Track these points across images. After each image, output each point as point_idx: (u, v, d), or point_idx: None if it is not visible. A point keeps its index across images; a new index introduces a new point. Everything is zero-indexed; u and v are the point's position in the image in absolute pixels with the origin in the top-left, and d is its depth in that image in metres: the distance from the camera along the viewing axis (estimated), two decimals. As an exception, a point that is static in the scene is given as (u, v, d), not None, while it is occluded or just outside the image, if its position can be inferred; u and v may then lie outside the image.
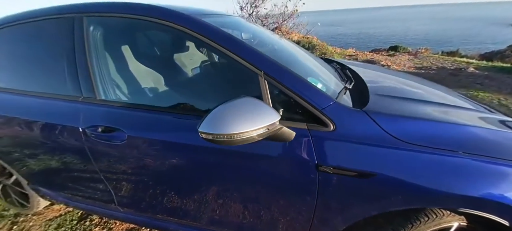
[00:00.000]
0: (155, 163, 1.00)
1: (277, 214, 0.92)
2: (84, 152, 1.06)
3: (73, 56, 1.05)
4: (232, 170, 0.91)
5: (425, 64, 6.06)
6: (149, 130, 0.96)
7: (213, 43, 0.88)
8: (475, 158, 0.71)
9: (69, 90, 1.07)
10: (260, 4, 7.58)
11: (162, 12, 0.97)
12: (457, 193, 0.69)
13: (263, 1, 7.51)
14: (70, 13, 1.08)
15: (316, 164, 0.77)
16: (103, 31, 1.11)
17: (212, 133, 0.67)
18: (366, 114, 0.79)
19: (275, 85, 0.82)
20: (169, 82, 1.28)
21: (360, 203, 0.78)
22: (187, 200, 1.05)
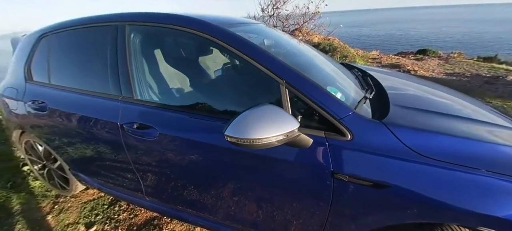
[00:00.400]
0: (181, 159, 1.09)
1: (291, 216, 0.96)
2: (120, 145, 1.19)
3: (115, 59, 1.18)
4: (251, 171, 0.96)
5: (457, 70, 5.65)
6: (177, 129, 1.05)
7: (240, 53, 0.94)
8: (500, 177, 0.69)
9: (111, 90, 1.21)
10: (281, 6, 7.59)
11: (198, 24, 1.05)
12: (477, 211, 0.68)
13: (284, 3, 7.51)
14: (115, 22, 1.22)
15: (332, 171, 0.80)
16: (142, 38, 1.23)
17: (236, 137, 0.73)
18: (385, 126, 0.80)
19: (295, 94, 0.86)
20: (195, 84, 1.38)
21: (374, 212, 0.79)
22: (207, 195, 1.14)
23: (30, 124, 1.56)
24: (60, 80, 1.43)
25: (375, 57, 7.35)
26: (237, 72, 1.65)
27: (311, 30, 8.13)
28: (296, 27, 7.82)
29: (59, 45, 1.47)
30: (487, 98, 3.56)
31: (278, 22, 7.91)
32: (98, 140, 1.29)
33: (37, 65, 1.55)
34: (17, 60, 1.66)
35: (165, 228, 1.51)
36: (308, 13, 7.67)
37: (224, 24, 1.13)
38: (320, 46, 6.53)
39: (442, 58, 7.72)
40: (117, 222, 1.59)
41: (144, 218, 1.61)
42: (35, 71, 1.56)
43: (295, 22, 7.78)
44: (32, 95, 1.50)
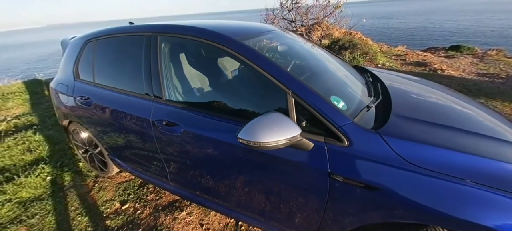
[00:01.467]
0: (200, 153, 1.28)
1: (292, 208, 1.10)
2: (151, 138, 1.41)
3: (149, 65, 1.39)
4: (259, 167, 1.11)
5: (492, 70, 5.22)
6: (198, 127, 1.23)
7: (255, 64, 1.08)
8: (483, 189, 0.76)
9: (145, 91, 1.42)
10: (301, 0, 7.45)
11: (221, 38, 1.20)
12: (459, 217, 0.76)
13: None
14: (149, 32, 1.42)
15: (329, 172, 0.92)
16: (170, 46, 1.42)
17: (246, 139, 0.88)
18: (380, 135, 0.89)
19: (300, 103, 0.98)
20: (214, 85, 1.56)
21: (365, 210, 0.90)
22: (221, 185, 1.31)
23: (77, 115, 1.85)
24: (103, 80, 1.69)
25: (399, 54, 6.99)
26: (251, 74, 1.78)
27: (331, 24, 7.91)
28: (316, 21, 7.65)
29: (102, 49, 1.72)
30: (521, 104, 3.30)
31: (297, 16, 7.80)
32: (133, 132, 1.52)
33: (83, 66, 1.82)
34: (66, 60, 1.96)
35: (185, 210, 1.73)
36: (329, 6, 7.45)
37: (243, 36, 1.27)
38: (339, 42, 6.37)
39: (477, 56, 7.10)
40: (145, 201, 1.85)
41: (167, 200, 1.85)
42: (82, 71, 1.83)
43: (314, 16, 7.61)
44: (79, 91, 1.78)
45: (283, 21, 7.69)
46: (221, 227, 1.59)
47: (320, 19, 7.40)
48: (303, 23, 7.52)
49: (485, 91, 3.84)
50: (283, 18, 7.65)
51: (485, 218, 0.74)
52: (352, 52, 5.78)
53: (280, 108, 1.12)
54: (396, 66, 5.70)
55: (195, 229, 1.59)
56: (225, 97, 1.43)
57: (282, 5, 7.49)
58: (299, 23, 7.59)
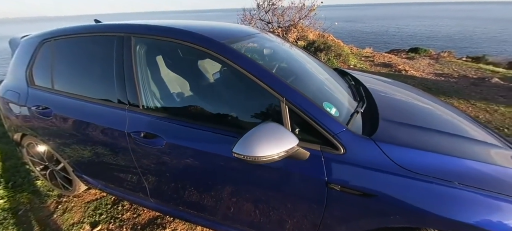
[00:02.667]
0: (186, 166, 1.17)
1: (287, 219, 1.07)
2: (127, 151, 1.26)
3: (122, 69, 1.23)
4: (251, 178, 1.05)
5: (446, 70, 5.86)
6: (183, 139, 1.13)
7: (245, 71, 1.01)
8: (470, 189, 0.80)
9: (118, 99, 1.26)
10: (277, 2, 7.57)
11: (210, 43, 1.11)
12: (450, 217, 0.79)
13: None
14: (121, 32, 1.26)
15: (326, 181, 0.90)
16: (147, 49, 1.28)
17: (243, 154, 0.82)
18: (374, 142, 0.90)
19: (294, 111, 0.95)
20: (198, 92, 1.45)
21: (362, 217, 0.90)
22: (208, 198, 1.22)
23: (33, 127, 1.60)
24: (65, 87, 1.47)
25: (368, 55, 7.49)
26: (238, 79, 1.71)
27: (306, 26, 8.17)
28: (291, 23, 7.83)
29: (63, 51, 1.49)
30: (472, 101, 3.75)
31: (274, 17, 7.90)
32: (104, 145, 1.35)
33: (39, 70, 1.57)
34: (17, 63, 1.68)
35: (168, 227, 1.60)
36: (304, 9, 7.68)
37: (229, 39, 1.19)
38: (315, 44, 6.60)
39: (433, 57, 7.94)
40: (121, 221, 1.67)
41: (147, 217, 1.69)
42: (37, 76, 1.58)
43: (290, 18, 7.78)
44: (35, 100, 1.53)
45: (260, 22, 7.71)
46: (209, 242, 1.49)
47: (295, 21, 7.58)
48: (280, 24, 7.63)
49: (443, 90, 4.28)
50: (260, 19, 7.68)
51: (472, 217, 0.78)
52: (326, 54, 6.02)
53: (271, 115, 1.08)
54: (366, 67, 6.08)
55: (180, 247, 1.47)
56: (211, 105, 1.34)
57: (259, 6, 7.51)
58: (275, 24, 7.68)
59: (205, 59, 1.81)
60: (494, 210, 0.78)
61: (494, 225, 0.76)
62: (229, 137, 1.05)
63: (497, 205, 0.79)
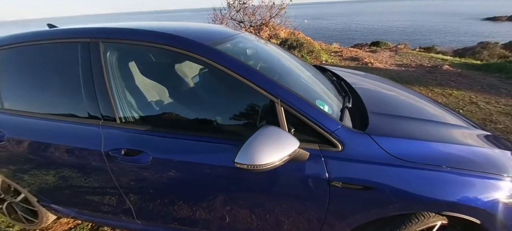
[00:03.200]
0: (177, 180, 1.08)
1: (291, 220, 1.05)
2: (106, 172, 1.12)
3: (91, 81, 1.09)
4: (250, 185, 1.01)
5: (405, 61, 6.46)
6: (173, 152, 1.04)
7: (236, 74, 0.97)
8: (455, 171, 0.88)
9: (88, 113, 1.11)
10: (248, 1, 7.56)
11: (194, 46, 1.03)
12: (441, 199, 0.86)
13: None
14: (86, 38, 1.11)
15: (328, 180, 0.91)
16: (119, 55, 1.15)
17: (246, 164, 0.78)
18: (369, 136, 0.93)
19: (290, 111, 0.93)
20: (183, 100, 1.35)
21: (364, 210, 0.92)
22: (204, 211, 1.15)
23: None
24: (19, 105, 1.26)
25: (336, 51, 7.92)
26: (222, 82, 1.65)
27: (278, 25, 8.31)
28: (263, 22, 7.90)
29: (13, 62, 1.27)
30: (430, 87, 4.19)
31: (245, 17, 7.89)
32: (76, 168, 1.19)
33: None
34: None
35: (160, 247, 1.47)
36: (274, 7, 7.80)
37: (213, 41, 1.13)
38: (288, 42, 6.75)
39: (392, 50, 8.70)
40: (103, 249, 1.49)
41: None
42: (-19, 94, 1.33)
43: (262, 17, 7.84)
44: (-19, 123, 1.28)
45: (231, 21, 7.63)
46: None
47: (267, 20, 7.65)
48: (252, 23, 7.63)
49: (405, 79, 4.70)
50: (231, 19, 7.59)
51: (457, 195, 0.85)
52: (300, 51, 6.20)
53: (265, 117, 1.05)
54: (336, 62, 6.41)
55: (175, 267, 1.37)
56: (197, 112, 1.26)
57: (230, 5, 7.41)
58: (247, 23, 7.66)
59: (182, 63, 1.71)
60: (481, 188, 0.86)
61: (482, 202, 0.84)
62: (222, 145, 1.00)
63: (482, 183, 0.87)
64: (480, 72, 5.15)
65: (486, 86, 4.19)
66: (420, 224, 0.93)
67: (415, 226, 0.93)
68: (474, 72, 5.16)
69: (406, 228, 0.93)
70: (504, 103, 3.45)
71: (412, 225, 0.93)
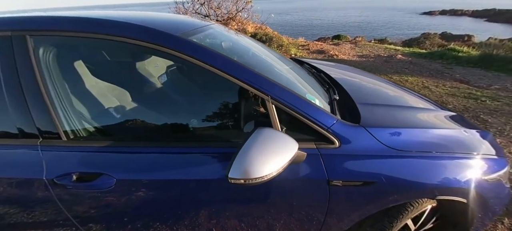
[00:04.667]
0: (151, 203, 0.89)
1: (289, 225, 0.96)
2: (52, 204, 0.86)
3: (17, 85, 0.81)
4: (245, 197, 0.89)
5: (365, 52, 6.96)
6: (142, 170, 0.84)
7: (215, 69, 0.82)
8: (444, 156, 0.89)
9: (17, 131, 0.84)
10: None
11: (164, 38, 0.84)
12: (435, 184, 0.86)
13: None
14: (6, 30, 0.83)
15: (327, 179, 0.84)
16: (57, 52, 0.90)
17: (243, 178, 0.65)
18: (364, 129, 0.89)
19: (282, 109, 0.83)
20: (152, 107, 1.14)
21: (364, 205, 0.89)
22: None
23: None
24: None
25: (303, 44, 8.14)
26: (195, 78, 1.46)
27: (245, 19, 8.17)
28: (230, 16, 7.68)
29: None
30: (389, 75, 4.56)
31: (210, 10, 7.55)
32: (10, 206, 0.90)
33: None
34: None
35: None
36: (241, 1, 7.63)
37: (183, 32, 0.96)
38: (257, 36, 6.67)
39: (352, 42, 9.31)
40: None
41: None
42: None
43: (228, 11, 7.60)
44: None
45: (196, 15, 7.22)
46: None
47: (234, 14, 7.44)
48: (218, 17, 7.34)
49: (367, 69, 5.03)
50: (196, 12, 7.18)
51: (452, 179, 0.87)
52: (269, 45, 6.17)
53: (253, 117, 0.94)
54: (305, 55, 6.57)
55: None
56: (170, 117, 1.07)
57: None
58: (213, 17, 7.34)
59: (145, 60, 1.48)
60: (465, 169, 0.89)
61: (468, 182, 0.87)
62: (205, 155, 0.85)
63: (465, 163, 0.90)
64: (427, 60, 5.83)
65: (433, 72, 4.74)
66: (414, 211, 0.93)
67: (410, 214, 0.93)
68: (422, 60, 5.81)
69: (402, 217, 0.92)
70: (450, 86, 3.93)
71: (408, 213, 0.92)
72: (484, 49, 5.36)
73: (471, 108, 3.03)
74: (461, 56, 5.59)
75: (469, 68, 5.02)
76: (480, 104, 3.16)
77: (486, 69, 4.81)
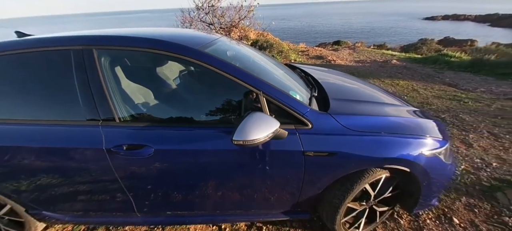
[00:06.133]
0: (177, 169, 1.24)
1: (275, 191, 1.29)
2: (108, 169, 1.21)
3: (86, 84, 1.17)
4: (242, 165, 1.22)
5: (362, 57, 7.28)
6: (173, 143, 1.19)
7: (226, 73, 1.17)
8: (391, 135, 1.21)
9: (85, 116, 1.20)
10: (216, 3, 7.69)
11: (188, 51, 1.20)
12: (382, 156, 1.18)
13: (219, 1, 7.63)
14: (78, 45, 1.19)
15: (303, 151, 1.17)
16: (111, 61, 1.26)
17: (242, 140, 0.99)
18: (330, 115, 1.22)
19: (271, 100, 1.17)
20: (173, 97, 1.52)
21: (331, 171, 1.21)
22: (203, 195, 1.32)
23: None
24: (6, 114, 1.27)
25: (303, 50, 8.51)
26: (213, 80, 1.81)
27: (247, 26, 8.59)
28: (233, 24, 8.10)
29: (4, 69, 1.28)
30: (382, 78, 4.87)
31: (215, 19, 7.99)
32: (73, 170, 1.25)
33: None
34: None
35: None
36: (243, 9, 8.06)
37: (202, 45, 1.32)
38: (258, 43, 7.05)
39: (351, 48, 9.66)
40: (99, 248, 1.55)
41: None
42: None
43: (231, 19, 8.03)
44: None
45: (201, 23, 7.66)
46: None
47: (236, 22, 7.86)
48: (221, 25, 7.77)
49: (362, 73, 5.36)
50: (201, 21, 7.63)
51: (396, 153, 1.19)
52: (270, 51, 6.54)
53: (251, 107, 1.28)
54: (304, 61, 6.92)
55: (176, 250, 1.51)
56: (190, 106, 1.43)
57: (198, 8, 7.44)
58: (217, 25, 7.77)
59: (163, 66, 1.85)
60: (410, 146, 1.21)
61: (409, 155, 1.19)
62: (217, 132, 1.19)
63: (410, 141, 1.22)
64: (420, 65, 6.12)
65: (424, 76, 5.03)
66: (370, 177, 1.25)
67: (367, 180, 1.25)
68: (415, 65, 6.10)
69: (360, 182, 1.24)
70: (437, 89, 4.22)
71: (365, 179, 1.24)
72: (474, 54, 5.63)
73: (453, 109, 3.32)
74: (453, 61, 5.87)
75: (460, 72, 5.30)
76: (462, 105, 3.45)
77: (475, 73, 5.09)
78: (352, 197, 1.28)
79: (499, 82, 4.40)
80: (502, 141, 2.49)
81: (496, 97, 3.72)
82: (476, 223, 1.60)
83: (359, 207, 1.39)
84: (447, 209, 1.72)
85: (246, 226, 1.63)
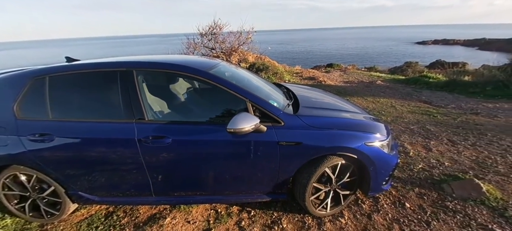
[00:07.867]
0: (187, 156, 1.69)
1: (260, 172, 1.73)
2: (136, 154, 1.66)
3: (127, 94, 1.68)
4: (234, 152, 1.68)
5: (351, 79, 7.93)
6: (184, 134, 1.66)
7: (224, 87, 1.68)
8: (341, 131, 1.68)
9: (124, 116, 1.68)
10: (218, 31, 8.55)
11: (200, 72, 1.74)
12: (334, 146, 1.64)
13: (220, 29, 8.49)
14: (123, 68, 1.72)
15: (277, 141, 1.63)
16: (145, 78, 1.79)
17: (233, 128, 1.46)
18: (297, 116, 1.70)
19: (255, 105, 1.66)
20: (186, 103, 2.05)
21: (299, 157, 1.66)
22: (204, 178, 1.76)
23: (23, 157, 1.74)
24: (67, 115, 1.75)
25: (297, 72, 9.21)
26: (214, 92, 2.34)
27: (246, 50, 9.40)
28: (232, 49, 8.91)
29: (62, 85, 1.77)
30: (365, 97, 5.41)
31: (216, 44, 8.80)
32: (110, 156, 1.70)
33: (30, 103, 1.77)
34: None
35: (169, 216, 1.97)
36: (242, 36, 8.90)
37: (208, 67, 1.85)
38: (255, 65, 7.74)
39: (342, 70, 10.41)
40: (121, 226, 1.92)
41: (146, 215, 2.00)
42: (26, 110, 1.76)
43: (231, 44, 8.85)
44: (30, 130, 1.72)
45: (204, 48, 8.45)
46: (204, 219, 1.96)
47: (236, 47, 8.65)
48: (222, 50, 8.54)
49: (348, 92, 5.92)
50: (204, 46, 8.42)
51: (345, 143, 1.65)
52: (266, 73, 7.19)
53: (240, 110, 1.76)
54: (297, 81, 7.54)
55: (183, 226, 1.89)
56: (198, 109, 1.95)
57: (202, 35, 8.26)
58: (218, 50, 8.55)
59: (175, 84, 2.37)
60: (355, 139, 1.67)
61: (355, 145, 1.65)
62: (216, 127, 1.67)
63: (355, 135, 1.69)
64: (402, 85, 6.72)
65: (404, 94, 5.59)
66: (328, 163, 1.69)
67: (326, 164, 1.69)
68: (398, 85, 6.70)
69: (321, 165, 1.68)
70: (413, 105, 4.74)
71: (324, 163, 1.68)
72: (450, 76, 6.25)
73: (422, 121, 3.80)
74: (431, 81, 6.48)
75: (437, 91, 5.86)
76: (431, 119, 3.93)
77: (449, 92, 5.65)
78: (316, 178, 1.72)
79: (468, 100, 4.93)
80: (457, 146, 2.94)
81: (463, 112, 4.22)
82: (423, 207, 2.00)
83: (324, 188, 1.81)
84: (401, 197, 2.13)
85: (238, 210, 2.02)
